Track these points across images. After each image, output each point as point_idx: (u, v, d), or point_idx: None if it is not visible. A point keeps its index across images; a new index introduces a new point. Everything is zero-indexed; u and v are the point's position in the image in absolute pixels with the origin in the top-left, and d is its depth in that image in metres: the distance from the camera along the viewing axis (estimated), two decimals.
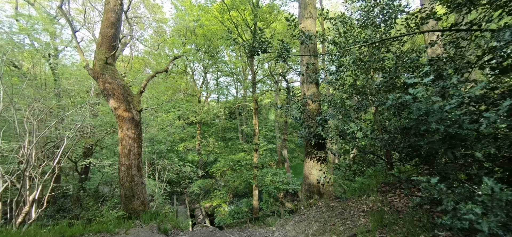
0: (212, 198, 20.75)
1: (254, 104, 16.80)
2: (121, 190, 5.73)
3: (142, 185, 5.95)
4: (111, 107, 6.29)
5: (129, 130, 6.08)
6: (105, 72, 6.32)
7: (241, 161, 16.94)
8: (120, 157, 5.94)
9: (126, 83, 6.50)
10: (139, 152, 6.13)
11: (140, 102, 6.62)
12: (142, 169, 6.19)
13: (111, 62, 6.65)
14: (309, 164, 5.94)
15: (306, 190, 5.87)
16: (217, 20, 17.67)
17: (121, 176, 5.79)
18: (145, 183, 6.09)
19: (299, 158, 28.25)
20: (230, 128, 29.87)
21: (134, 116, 6.25)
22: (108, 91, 6.21)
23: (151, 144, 12.86)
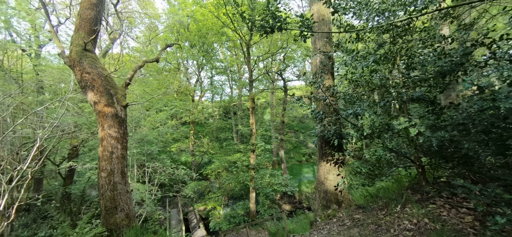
0: (206, 201, 19.68)
1: (251, 103, 15.89)
2: (101, 201, 4.70)
3: (127, 194, 4.92)
4: (90, 102, 5.24)
5: (112, 128, 5.05)
6: (83, 60, 5.27)
7: (238, 162, 15.98)
8: (100, 160, 4.90)
9: (109, 74, 5.46)
10: (124, 155, 5.11)
11: (126, 96, 5.60)
12: (127, 175, 5.17)
13: (90, 49, 5.59)
14: (324, 168, 5.08)
15: (322, 198, 5.00)
16: (212, 15, 16.66)
17: (101, 184, 4.75)
18: (130, 192, 5.06)
19: (295, 159, 27.50)
20: (225, 128, 28.84)
21: (117, 112, 5.22)
22: (86, 82, 5.16)
23: (141, 145, 11.74)
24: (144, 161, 11.37)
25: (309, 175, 24.65)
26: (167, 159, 12.74)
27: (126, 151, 5.26)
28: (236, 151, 22.04)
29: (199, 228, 17.15)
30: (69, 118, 10.64)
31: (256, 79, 18.57)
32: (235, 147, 22.64)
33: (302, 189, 21.85)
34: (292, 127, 31.98)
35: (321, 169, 5.18)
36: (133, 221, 4.89)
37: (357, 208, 4.64)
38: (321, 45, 5.29)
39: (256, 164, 15.69)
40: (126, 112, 5.50)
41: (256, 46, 22.47)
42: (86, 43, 5.37)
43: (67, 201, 14.31)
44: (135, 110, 11.26)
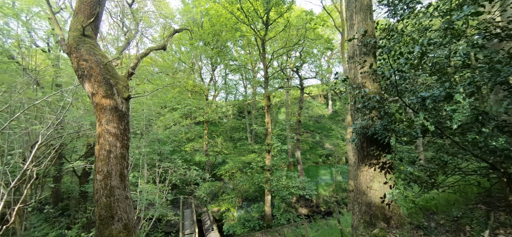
0: (220, 202, 18.94)
1: (266, 101, 14.92)
2: (95, 209, 3.93)
3: (126, 201, 4.13)
4: (87, 93, 4.53)
5: (110, 123, 4.29)
6: (80, 46, 4.57)
7: (252, 163, 15.05)
8: (96, 160, 4.15)
9: (109, 62, 4.73)
10: (123, 154, 4.32)
11: (128, 88, 4.83)
12: (128, 178, 4.38)
13: (90, 34, 4.89)
14: (367, 174, 3.98)
15: (364, 213, 3.90)
16: (226, 11, 15.90)
17: (96, 188, 3.99)
18: (130, 198, 4.27)
19: (312, 160, 26.15)
20: (239, 127, 28.05)
21: (117, 105, 4.46)
22: (83, 71, 4.45)
23: (152, 144, 11.13)
24: (155, 161, 10.75)
25: (327, 177, 23.25)
26: (179, 159, 12.08)
27: (127, 150, 4.48)
28: (251, 151, 21.14)
29: (213, 230, 16.41)
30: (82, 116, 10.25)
31: (272, 76, 17.56)
32: (250, 147, 21.76)
33: (320, 192, 20.54)
34: (307, 127, 30.61)
35: (362, 175, 4.07)
36: (133, 233, 4.09)
37: (414, 228, 3.53)
38: (359, 19, 4.21)
39: (272, 165, 14.69)
40: (128, 106, 4.73)
41: (270, 44, 21.50)
42: (85, 27, 4.67)
43: (83, 200, 14.11)
44: (146, 108, 10.67)
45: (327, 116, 33.06)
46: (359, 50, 4.21)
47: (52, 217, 10.54)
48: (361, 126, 3.83)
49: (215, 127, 29.60)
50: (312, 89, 29.46)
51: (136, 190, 8.48)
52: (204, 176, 11.82)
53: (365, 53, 4.14)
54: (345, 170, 24.09)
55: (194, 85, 24.35)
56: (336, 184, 21.23)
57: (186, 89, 24.24)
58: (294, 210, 17.51)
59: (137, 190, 8.22)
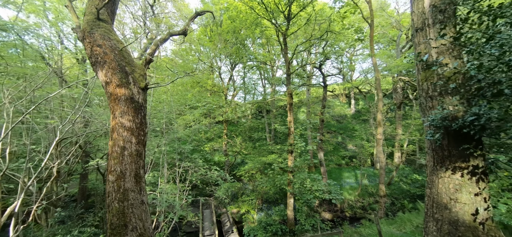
0: (239, 204, 18.30)
1: (289, 98, 14.01)
2: (107, 214, 3.34)
3: (142, 207, 3.49)
4: (101, 82, 3.99)
5: (125, 115, 3.70)
6: (94, 31, 4.05)
7: (273, 164, 14.19)
8: (109, 158, 3.58)
9: (125, 47, 4.17)
10: (139, 152, 3.71)
11: (146, 76, 4.24)
12: (144, 179, 3.76)
13: (105, 18, 4.38)
14: (449, 181, 2.96)
15: (446, 234, 2.90)
16: (246, 6, 15.26)
17: (108, 191, 3.40)
18: (146, 202, 3.63)
19: (334, 162, 24.69)
20: (257, 127, 27.32)
21: (133, 95, 3.87)
22: (96, 57, 3.92)
23: (171, 143, 10.70)
24: (175, 160, 10.30)
25: (351, 180, 21.74)
26: (199, 158, 11.57)
27: (144, 147, 3.87)
28: (270, 152, 20.30)
29: (233, 233, 15.78)
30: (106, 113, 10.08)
31: (294, 71, 16.60)
32: (270, 147, 20.92)
33: (344, 196, 19.15)
34: (329, 127, 29.12)
35: (443, 183, 3.05)
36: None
37: None
38: None
39: (294, 166, 13.73)
40: (145, 97, 4.13)
41: (290, 42, 20.55)
42: (99, 9, 4.14)
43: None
44: (166, 105, 10.27)
45: (349, 116, 31.28)
46: (433, 18, 3.21)
47: (76, 215, 10.47)
48: (442, 117, 2.85)
49: (234, 126, 29.14)
50: (335, 87, 27.94)
51: (155, 190, 8.05)
52: (225, 177, 11.19)
53: (442, 22, 3.14)
54: (371, 172, 22.40)
55: (213, 85, 24.07)
56: (362, 188, 19.69)
57: (206, 89, 24.02)
58: (318, 215, 16.36)
59: (157, 190, 7.77)
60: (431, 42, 3.16)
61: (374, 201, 18.90)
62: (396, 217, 13.15)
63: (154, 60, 4.81)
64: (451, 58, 3.00)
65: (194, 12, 4.98)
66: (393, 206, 18.17)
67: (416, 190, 18.49)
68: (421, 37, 3.24)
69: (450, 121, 2.88)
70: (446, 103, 2.94)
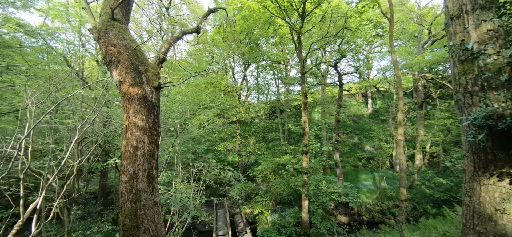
0: (253, 204, 18.15)
1: (303, 98, 13.65)
2: (120, 215, 3.28)
3: (155, 208, 3.41)
4: (115, 82, 3.98)
5: (138, 115, 3.65)
6: (109, 30, 4.05)
7: (288, 165, 13.88)
8: (122, 158, 3.53)
9: (138, 46, 4.14)
10: (152, 152, 3.64)
11: (159, 76, 4.18)
12: (157, 180, 3.68)
13: (120, 18, 4.38)
14: (494, 189, 2.56)
15: None
16: (259, 6, 15.09)
17: (121, 191, 3.35)
18: (159, 204, 3.55)
19: (351, 163, 23.87)
20: (271, 127, 27.06)
21: (146, 95, 3.81)
22: (111, 57, 3.91)
23: (186, 143, 10.76)
24: (189, 160, 10.34)
25: (368, 182, 20.87)
26: (213, 158, 11.56)
27: (157, 147, 3.80)
28: (284, 152, 19.97)
29: (246, 234, 15.67)
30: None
31: (308, 70, 16.18)
32: (283, 147, 20.59)
33: (361, 198, 18.40)
34: (345, 127, 28.23)
35: (486, 190, 2.65)
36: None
37: None
38: None
39: (309, 167, 13.35)
40: (158, 96, 4.07)
41: (304, 40, 20.12)
42: (114, 9, 4.14)
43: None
44: (180, 106, 10.33)
45: (366, 116, 30.13)
46: (472, 4, 2.82)
47: (95, 211, 10.82)
48: (486, 115, 2.48)
49: (247, 126, 29.08)
50: (352, 86, 27.02)
51: (170, 189, 8.09)
52: (239, 178, 11.09)
53: (483, 7, 2.75)
54: (390, 175, 21.39)
55: (227, 86, 24.16)
56: (381, 191, 18.81)
57: (219, 89, 24.16)
58: (333, 218, 15.82)
59: (171, 190, 7.81)
60: (470, 30, 2.78)
61: (393, 205, 17.98)
62: (419, 223, 12.37)
63: (167, 59, 4.76)
64: (495, 47, 2.61)
65: (208, 9, 4.87)
66: (415, 211, 17.17)
67: (440, 194, 17.35)
68: (458, 26, 2.86)
69: (495, 119, 2.50)
70: (491, 99, 2.55)
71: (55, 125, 7.23)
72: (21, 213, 4.63)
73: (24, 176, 4.70)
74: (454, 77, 2.75)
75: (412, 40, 24.77)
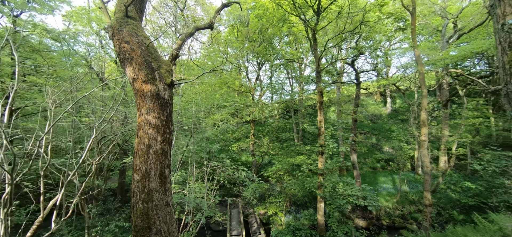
0: (267, 205, 17.90)
1: (319, 97, 13.21)
2: (132, 215, 3.19)
3: (167, 209, 3.29)
4: (129, 79, 3.92)
5: (150, 112, 3.55)
6: (122, 28, 4.00)
7: (303, 165, 13.49)
8: (134, 156, 3.45)
9: (151, 42, 4.06)
10: (165, 150, 3.52)
11: (172, 73, 4.08)
12: (170, 179, 3.56)
13: (134, 16, 4.33)
14: None
15: None
16: (273, 3, 14.84)
17: (133, 191, 3.26)
18: (171, 204, 3.42)
19: (368, 165, 22.90)
20: (285, 127, 26.65)
21: (159, 92, 3.71)
22: (124, 54, 3.85)
23: (200, 142, 10.74)
24: (203, 159, 10.31)
25: (388, 185, 19.87)
26: (227, 158, 11.48)
27: (170, 145, 3.68)
28: (298, 153, 19.53)
29: (260, 234, 15.48)
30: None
31: (324, 68, 15.67)
32: (298, 148, 20.16)
33: (380, 202, 17.53)
34: (362, 127, 27.18)
35: None
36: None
37: None
38: None
39: (325, 168, 12.88)
40: (171, 93, 3.96)
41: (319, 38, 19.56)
42: (127, 6, 4.10)
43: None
44: (194, 104, 10.33)
45: (385, 116, 28.82)
46: None
47: (114, 208, 11.11)
48: None
49: (261, 126, 28.88)
50: (369, 84, 25.93)
51: (184, 188, 8.08)
52: (253, 178, 10.91)
53: None
54: (411, 178, 20.24)
55: (240, 86, 24.12)
56: (401, 194, 17.82)
57: (233, 89, 24.19)
58: (351, 221, 15.19)
59: (185, 189, 7.79)
60: None
61: (416, 210, 16.96)
62: (446, 230, 11.51)
63: (180, 55, 4.66)
64: None
65: (221, 4, 4.72)
66: (440, 216, 16.07)
67: (468, 199, 16.10)
68: (508, 6, 2.44)
69: None
70: None
71: (76, 124, 7.45)
72: (41, 209, 4.73)
73: (44, 173, 4.80)
74: (503, 66, 2.36)
75: (435, 35, 23.33)
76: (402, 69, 22.93)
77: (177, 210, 7.57)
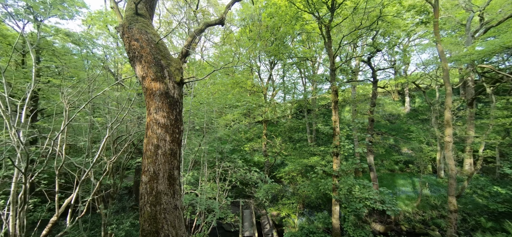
0: (279, 206, 17.57)
1: (333, 96, 12.72)
2: (140, 218, 3.05)
3: (175, 212, 3.12)
4: (138, 77, 3.82)
5: (159, 111, 3.41)
6: (132, 25, 3.91)
7: (317, 167, 13.04)
8: (143, 157, 3.32)
9: (161, 40, 3.94)
10: (174, 151, 3.37)
11: (182, 71, 3.93)
12: (179, 181, 3.40)
13: (144, 13, 4.24)
14: None
15: None
16: (285, 0, 14.51)
17: (141, 192, 3.13)
18: (181, 207, 3.26)
19: (386, 167, 21.91)
20: (298, 127, 26.13)
21: (168, 90, 3.57)
22: (134, 52, 3.75)
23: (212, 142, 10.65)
24: (215, 160, 10.20)
25: (407, 188, 18.86)
26: (239, 158, 11.31)
27: (179, 146, 3.53)
28: (312, 154, 19.01)
29: (273, 236, 15.21)
30: None
31: (338, 66, 15.12)
32: (311, 148, 19.63)
33: (399, 206, 16.65)
34: (378, 127, 26.09)
35: None
36: None
37: None
38: None
39: (341, 170, 12.36)
40: (181, 92, 3.82)
41: (333, 34, 18.95)
42: (137, 4, 4.00)
43: None
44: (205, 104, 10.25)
45: (403, 116, 27.48)
46: None
47: (129, 206, 11.29)
48: None
49: (273, 127, 28.54)
50: (387, 82, 24.80)
51: (196, 189, 7.99)
52: (266, 180, 10.66)
53: None
54: (432, 181, 19.08)
55: (252, 86, 23.95)
56: (422, 198, 16.83)
57: (245, 89, 24.07)
58: (368, 226, 14.53)
59: (197, 189, 7.69)
60: None
61: (438, 215, 15.93)
62: None
63: (190, 54, 4.52)
64: None
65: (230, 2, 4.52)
66: (465, 223, 14.96)
67: (497, 205, 14.85)
68: None
69: None
70: None
71: (91, 123, 7.58)
72: (56, 208, 4.77)
73: (59, 172, 4.84)
74: None
75: (459, 30, 21.88)
76: (423, 66, 21.74)
77: (189, 210, 7.51)
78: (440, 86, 23.53)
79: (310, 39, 22.91)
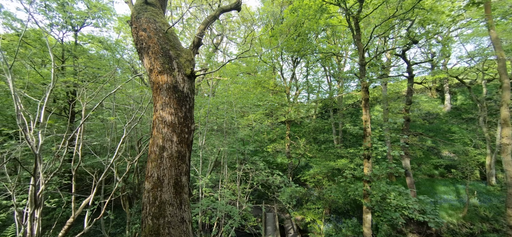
0: (304, 211, 16.58)
1: (363, 93, 11.50)
2: (141, 233, 2.59)
3: (182, 226, 2.60)
4: (146, 71, 3.41)
5: (166, 107, 2.94)
6: (140, 15, 3.53)
7: (346, 170, 11.88)
8: (147, 160, 2.87)
9: (171, 29, 3.49)
10: (182, 153, 2.86)
11: (193, 62, 3.44)
12: (187, 188, 2.88)
13: (153, 2, 3.84)
14: None
15: None
16: None
17: (143, 202, 2.67)
18: (189, 220, 2.73)
19: (423, 171, 19.65)
20: (323, 128, 24.72)
21: (177, 84, 3.09)
22: (141, 43, 3.35)
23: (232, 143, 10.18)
24: (236, 162, 9.72)
25: (450, 196, 16.59)
26: (260, 161, 10.69)
27: (188, 147, 3.02)
28: (339, 156, 17.68)
29: None
30: None
31: (369, 61, 13.75)
32: (338, 150, 18.28)
33: (442, 216, 14.63)
34: (413, 127, 23.61)
35: None
36: None
37: None
38: None
39: (373, 174, 11.08)
40: (192, 86, 3.32)
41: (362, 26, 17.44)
42: None
43: None
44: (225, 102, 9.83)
45: (443, 115, 24.53)
46: None
47: None
48: None
49: (297, 127, 27.45)
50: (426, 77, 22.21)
51: (215, 192, 7.57)
52: (290, 184, 9.90)
53: None
54: (482, 189, 16.54)
55: (275, 85, 23.23)
56: (470, 208, 14.60)
57: (267, 89, 23.44)
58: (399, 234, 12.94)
59: (216, 193, 7.26)
60: None
61: (490, 229, 13.65)
62: None
63: (203, 43, 4.03)
64: None
65: None
66: None
67: None
68: None
69: None
70: None
71: (111, 123, 7.58)
72: (72, 209, 4.61)
73: (75, 173, 4.69)
74: None
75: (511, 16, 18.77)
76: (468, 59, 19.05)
77: (208, 214, 7.12)
78: (487, 81, 20.48)
79: (335, 35, 21.51)
